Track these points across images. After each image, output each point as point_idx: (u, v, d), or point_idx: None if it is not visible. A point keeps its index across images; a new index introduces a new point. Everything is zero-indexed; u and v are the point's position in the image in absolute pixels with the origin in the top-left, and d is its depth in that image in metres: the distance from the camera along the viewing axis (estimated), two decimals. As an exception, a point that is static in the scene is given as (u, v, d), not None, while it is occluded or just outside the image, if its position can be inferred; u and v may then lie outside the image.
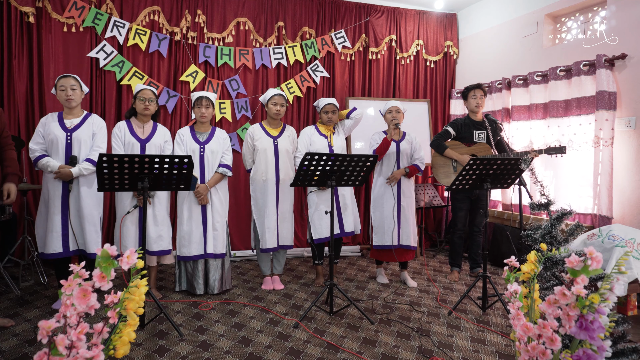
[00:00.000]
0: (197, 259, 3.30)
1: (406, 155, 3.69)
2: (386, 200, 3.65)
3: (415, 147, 3.74)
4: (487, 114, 3.82)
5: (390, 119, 3.63)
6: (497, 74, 4.85)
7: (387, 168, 3.67)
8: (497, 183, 3.10)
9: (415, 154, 3.72)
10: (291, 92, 4.75)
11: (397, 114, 3.63)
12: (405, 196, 3.68)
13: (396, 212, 3.64)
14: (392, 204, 3.63)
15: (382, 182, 3.68)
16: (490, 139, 3.77)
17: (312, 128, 3.69)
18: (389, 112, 3.66)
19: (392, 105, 3.66)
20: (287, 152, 3.56)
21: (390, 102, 3.69)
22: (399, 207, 3.65)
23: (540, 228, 1.92)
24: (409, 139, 3.75)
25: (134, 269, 1.50)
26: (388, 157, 3.67)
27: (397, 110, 3.64)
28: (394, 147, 3.67)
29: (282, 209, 3.54)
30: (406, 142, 3.72)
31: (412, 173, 3.65)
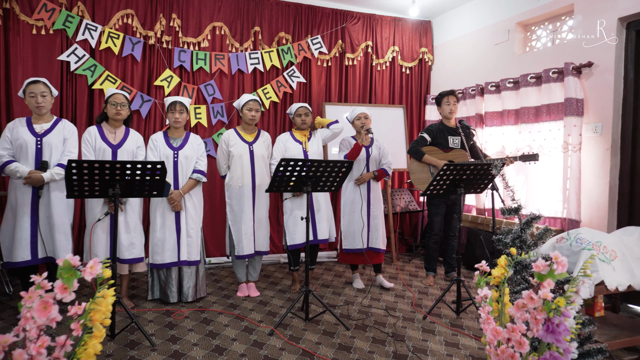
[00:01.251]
0: (170, 267, 3.24)
1: (375, 160, 3.75)
2: (356, 204, 3.68)
3: (383, 152, 3.79)
4: (460, 119, 3.89)
5: (360, 125, 3.67)
6: (471, 81, 4.95)
7: (357, 173, 3.71)
8: (471, 188, 3.14)
9: (383, 159, 3.78)
10: (267, 98, 4.73)
11: (365, 120, 3.68)
12: (374, 200, 3.72)
13: (365, 215, 3.68)
14: (361, 206, 3.68)
15: (352, 187, 3.72)
16: (464, 144, 3.83)
17: (287, 134, 3.68)
18: (357, 119, 3.70)
19: (360, 112, 3.70)
20: (262, 157, 3.54)
21: (358, 109, 3.74)
22: (369, 210, 3.69)
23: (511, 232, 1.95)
24: (377, 144, 3.79)
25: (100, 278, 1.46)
26: (358, 162, 3.71)
27: (365, 117, 3.69)
28: (364, 153, 3.70)
29: (258, 215, 3.52)
30: (375, 148, 3.77)
31: (380, 177, 3.71)
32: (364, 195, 3.68)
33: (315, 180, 2.89)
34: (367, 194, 3.69)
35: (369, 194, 3.70)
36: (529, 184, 4.14)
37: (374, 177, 3.68)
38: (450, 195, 3.61)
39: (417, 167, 3.90)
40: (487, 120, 4.59)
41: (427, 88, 5.62)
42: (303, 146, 3.61)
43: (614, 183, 3.57)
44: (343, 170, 2.91)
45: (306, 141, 3.65)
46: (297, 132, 3.69)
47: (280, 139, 3.66)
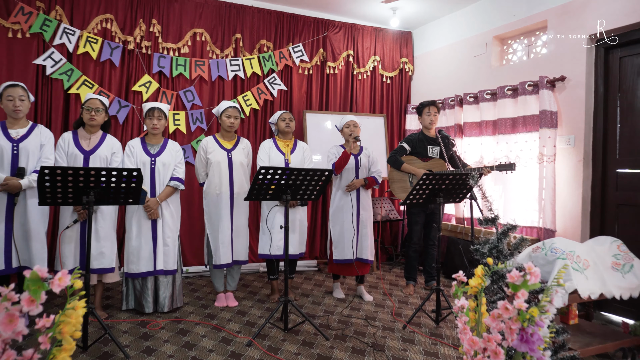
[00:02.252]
0: (146, 276, 3.18)
1: (364, 168, 3.74)
2: (345, 212, 3.66)
3: (373, 160, 3.79)
4: (440, 129, 3.94)
5: (349, 133, 3.66)
6: (450, 91, 5.03)
7: (346, 181, 3.69)
8: (450, 197, 3.18)
9: (372, 167, 3.77)
10: (248, 105, 4.71)
11: (354, 128, 3.67)
12: (364, 208, 3.71)
13: (355, 223, 3.66)
14: (351, 215, 3.65)
15: (340, 195, 3.69)
16: (443, 154, 3.88)
17: (270, 142, 3.67)
18: (346, 127, 3.70)
19: (349, 120, 3.70)
20: (241, 165, 3.52)
21: (347, 117, 3.74)
22: (358, 219, 3.67)
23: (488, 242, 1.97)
24: (366, 152, 3.80)
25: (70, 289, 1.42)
26: (347, 171, 3.69)
27: (354, 125, 3.68)
28: (353, 161, 3.70)
29: (236, 224, 3.49)
30: (364, 156, 3.76)
31: (370, 185, 3.70)
32: (353, 203, 3.67)
33: (294, 188, 2.89)
34: (356, 201, 3.68)
35: (359, 202, 3.69)
36: (507, 194, 4.21)
37: (364, 184, 3.68)
38: (429, 204, 3.64)
39: (397, 176, 3.92)
40: (466, 130, 4.67)
41: (407, 97, 5.68)
42: (285, 157, 3.60)
43: (587, 194, 3.67)
44: (323, 179, 2.91)
45: (289, 152, 3.64)
46: (281, 141, 3.67)
47: (264, 145, 3.64)
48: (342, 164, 3.59)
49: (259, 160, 3.58)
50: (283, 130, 3.65)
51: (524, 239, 1.97)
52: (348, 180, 3.68)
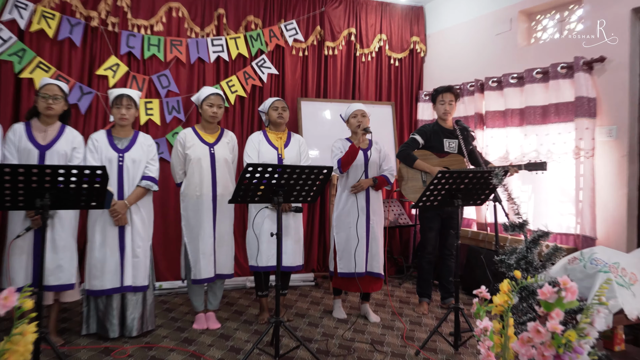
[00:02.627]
0: (111, 294, 3.15)
1: (375, 165, 3.73)
2: (352, 217, 3.64)
3: (385, 156, 3.79)
4: (457, 120, 3.92)
5: (356, 124, 3.65)
6: (469, 75, 5.02)
7: (353, 181, 3.68)
8: (469, 199, 3.16)
9: (384, 164, 3.77)
10: (233, 91, 4.69)
11: (362, 118, 3.66)
12: (374, 213, 3.69)
13: (364, 229, 3.64)
14: (357, 219, 3.63)
15: (347, 197, 3.68)
16: (462, 149, 3.86)
17: (259, 134, 3.66)
18: (353, 117, 3.68)
19: (357, 109, 3.69)
20: (225, 161, 3.52)
21: (354, 105, 3.73)
22: (368, 224, 3.66)
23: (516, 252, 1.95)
24: (377, 147, 3.79)
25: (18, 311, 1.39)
26: (355, 168, 3.68)
27: (362, 114, 3.67)
28: (362, 157, 3.69)
29: (220, 231, 3.48)
30: (374, 151, 3.75)
31: (380, 185, 3.69)
32: (361, 206, 3.65)
33: (288, 189, 2.87)
34: (365, 204, 3.66)
35: (368, 205, 3.67)
36: (537, 195, 4.20)
37: (373, 184, 3.67)
38: (445, 207, 3.62)
39: (408, 174, 3.91)
40: (488, 120, 4.65)
41: (419, 83, 5.67)
42: (279, 152, 3.59)
43: (633, 194, 3.65)
44: (321, 177, 2.89)
45: (282, 146, 3.63)
46: (272, 134, 3.67)
47: (252, 138, 3.63)
48: (350, 161, 3.58)
49: (246, 157, 3.57)
50: (275, 121, 3.64)
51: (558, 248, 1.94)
52: (355, 179, 3.67)
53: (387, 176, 3.72)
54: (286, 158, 3.60)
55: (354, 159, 3.59)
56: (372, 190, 3.70)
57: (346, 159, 3.58)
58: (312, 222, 5.07)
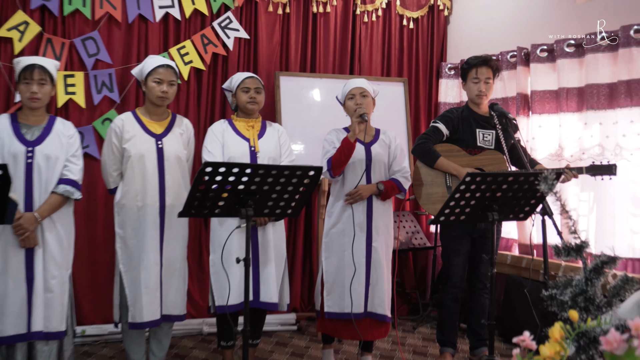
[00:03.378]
0: (14, 343, 3.13)
1: (382, 165, 3.74)
2: (347, 238, 3.65)
3: (396, 152, 3.80)
4: (494, 103, 3.94)
5: (353, 107, 3.65)
6: (509, 41, 5.05)
7: (350, 185, 3.67)
8: (509, 212, 3.17)
9: (394, 163, 3.78)
10: (186, 62, 4.70)
11: (362, 99, 3.66)
12: (378, 231, 3.69)
13: (364, 255, 3.65)
14: (358, 241, 3.63)
15: (341, 210, 3.68)
16: (501, 143, 3.88)
17: (224, 123, 3.68)
18: (350, 98, 3.70)
19: (355, 87, 3.70)
20: (178, 160, 3.53)
21: (353, 82, 3.74)
22: (369, 249, 3.66)
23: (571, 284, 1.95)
24: (385, 139, 3.80)
25: None
26: (352, 169, 3.68)
27: (362, 94, 3.68)
28: (362, 152, 3.69)
29: (169, 256, 3.49)
30: (380, 145, 3.76)
31: (388, 193, 3.69)
32: (360, 222, 3.64)
33: (260, 197, 2.86)
34: (366, 220, 3.66)
35: (370, 221, 3.66)
36: (601, 207, 4.22)
37: (377, 192, 3.67)
38: (477, 222, 3.61)
39: (427, 176, 3.92)
40: (536, 104, 4.70)
41: (441, 52, 5.71)
42: (251, 144, 3.61)
43: None
44: (306, 182, 2.88)
45: (255, 138, 3.64)
46: (241, 122, 3.68)
47: (215, 128, 3.66)
48: (343, 160, 3.55)
49: (206, 153, 3.58)
50: (244, 106, 3.66)
51: (628, 279, 1.95)
52: (353, 184, 3.66)
53: (398, 180, 3.72)
54: (261, 153, 3.63)
55: (349, 157, 3.57)
56: (376, 200, 3.70)
57: (338, 158, 3.55)
58: (293, 243, 5.09)
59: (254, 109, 3.68)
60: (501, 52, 5.06)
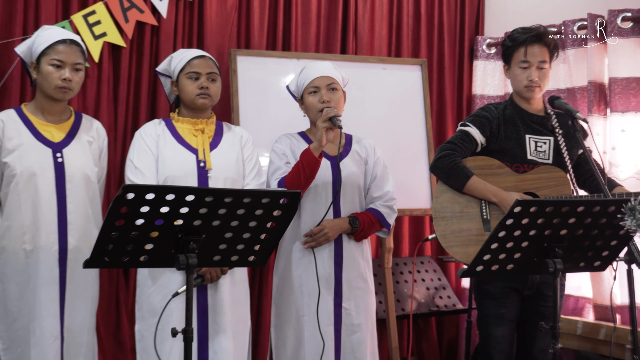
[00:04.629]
0: None
1: (355, 189, 3.81)
2: (307, 297, 3.69)
3: (376, 169, 3.89)
4: (553, 97, 3.96)
5: (317, 105, 3.71)
6: (576, 6, 5.11)
7: (310, 221, 3.72)
8: (579, 259, 3.16)
9: (374, 186, 3.87)
10: (97, 36, 4.70)
11: (331, 94, 3.74)
12: (352, 287, 3.74)
13: (332, 323, 3.70)
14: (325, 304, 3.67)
15: (299, 255, 3.74)
16: (562, 154, 3.89)
17: (159, 125, 3.70)
18: (311, 92, 3.76)
19: (318, 75, 3.77)
20: (85, 180, 3.56)
21: (315, 67, 3.83)
22: (338, 311, 3.72)
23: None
24: (359, 150, 3.89)
25: None
26: (313, 196, 3.75)
27: (330, 86, 3.76)
28: (327, 171, 3.75)
29: (72, 325, 3.50)
30: (354, 160, 3.83)
31: (365, 231, 3.75)
32: (326, 275, 3.69)
33: (210, 238, 2.84)
34: (334, 270, 3.71)
35: (340, 272, 3.71)
36: None
37: (350, 230, 3.70)
38: (530, 274, 3.60)
39: (454, 204, 3.92)
40: (617, 97, 4.74)
41: (477, 21, 5.81)
42: (199, 157, 3.62)
43: None
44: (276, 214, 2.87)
45: (206, 147, 3.65)
46: (185, 124, 3.70)
47: (144, 133, 3.66)
48: (302, 182, 3.59)
49: (132, 170, 3.56)
50: (191, 100, 3.67)
51: None
52: (313, 217, 3.72)
53: (379, 212, 3.79)
54: (215, 171, 3.63)
55: (312, 179, 3.62)
56: (347, 241, 3.76)
57: (295, 180, 3.59)
58: (258, 304, 5.09)
59: (205, 104, 3.66)
60: (564, 22, 5.10)
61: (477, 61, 5.61)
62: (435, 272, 5.25)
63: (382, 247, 4.87)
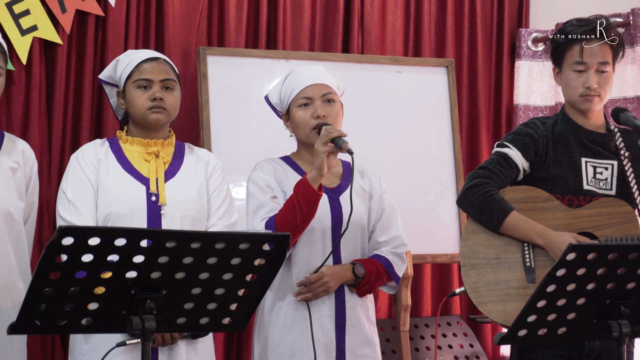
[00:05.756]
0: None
1: (358, 229, 3.83)
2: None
3: (382, 206, 3.93)
4: (619, 109, 3.98)
5: (310, 121, 3.73)
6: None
7: (304, 268, 3.74)
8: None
9: (380, 227, 3.89)
10: (26, 31, 4.73)
11: (328, 107, 3.77)
12: (356, 354, 3.75)
13: None
14: None
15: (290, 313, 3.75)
16: (628, 183, 3.91)
17: (101, 147, 3.72)
18: (301, 105, 3.78)
19: (310, 84, 3.80)
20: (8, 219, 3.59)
21: (305, 73, 3.87)
22: None
23: None
24: (362, 182, 3.92)
25: None
26: (308, 237, 3.75)
27: (326, 96, 3.79)
28: (325, 208, 3.77)
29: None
30: (356, 193, 3.83)
31: (370, 283, 3.77)
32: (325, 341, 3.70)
33: (171, 295, 2.86)
34: (335, 331, 3.72)
35: (342, 334, 3.72)
36: None
37: (353, 281, 3.72)
38: (588, 340, 3.62)
39: (488, 248, 3.93)
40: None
41: (519, 11, 5.85)
42: (150, 189, 3.64)
43: None
44: (258, 263, 2.89)
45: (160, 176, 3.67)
46: (135, 145, 3.72)
47: (82, 158, 3.68)
48: (298, 221, 3.61)
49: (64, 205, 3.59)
50: (142, 115, 3.68)
51: None
52: (308, 265, 3.74)
53: (387, 260, 3.80)
54: (170, 207, 3.65)
55: (311, 217, 3.64)
56: (350, 295, 3.79)
57: (289, 219, 3.61)
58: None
59: (159, 120, 3.68)
60: (633, 11, 5.14)
61: (519, 61, 5.65)
62: (466, 336, 5.25)
63: (397, 304, 4.84)
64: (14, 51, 4.67)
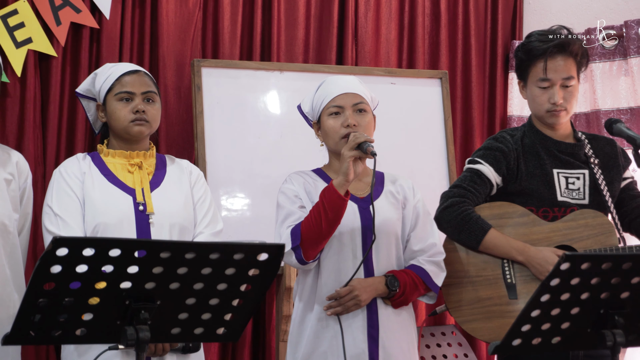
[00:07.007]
0: None
1: (392, 239, 3.77)
2: None
3: (417, 214, 3.85)
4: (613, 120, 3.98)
5: (340, 130, 3.69)
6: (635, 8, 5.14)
7: (334, 281, 3.69)
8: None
9: (415, 236, 3.82)
10: (20, 43, 4.75)
11: (359, 117, 3.72)
12: None
13: None
14: None
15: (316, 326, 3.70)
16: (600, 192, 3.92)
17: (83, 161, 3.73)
18: (331, 114, 3.73)
19: (342, 92, 3.75)
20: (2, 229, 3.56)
21: (336, 82, 3.82)
22: None
23: None
24: (394, 190, 3.86)
25: None
26: (337, 248, 3.71)
27: (357, 106, 3.73)
28: (354, 217, 3.72)
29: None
30: (389, 201, 3.81)
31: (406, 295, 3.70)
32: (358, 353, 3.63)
33: (166, 306, 2.86)
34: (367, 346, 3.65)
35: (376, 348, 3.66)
36: None
37: (387, 293, 3.67)
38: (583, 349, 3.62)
39: (468, 266, 3.93)
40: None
41: (513, 22, 5.87)
42: (137, 199, 3.64)
43: None
44: (252, 274, 2.89)
45: (146, 186, 3.67)
46: (117, 158, 3.72)
47: (65, 171, 3.67)
48: (324, 229, 3.55)
49: (51, 219, 3.58)
50: (123, 128, 3.69)
51: None
52: (339, 276, 3.68)
53: (424, 270, 3.72)
54: (158, 216, 3.66)
55: (336, 224, 3.59)
56: (384, 308, 3.73)
57: (315, 227, 3.56)
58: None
59: (141, 132, 3.69)
60: (626, 23, 5.15)
61: (513, 73, 5.63)
62: (461, 345, 5.24)
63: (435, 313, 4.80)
64: (9, 63, 4.67)
